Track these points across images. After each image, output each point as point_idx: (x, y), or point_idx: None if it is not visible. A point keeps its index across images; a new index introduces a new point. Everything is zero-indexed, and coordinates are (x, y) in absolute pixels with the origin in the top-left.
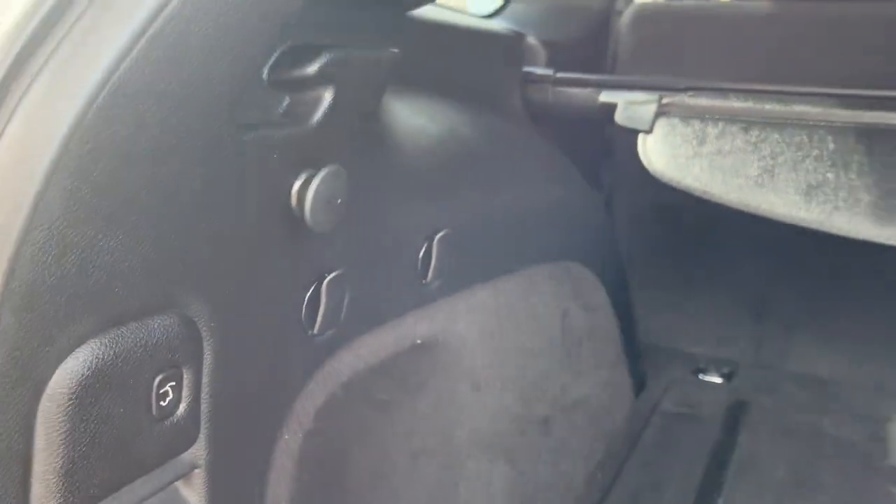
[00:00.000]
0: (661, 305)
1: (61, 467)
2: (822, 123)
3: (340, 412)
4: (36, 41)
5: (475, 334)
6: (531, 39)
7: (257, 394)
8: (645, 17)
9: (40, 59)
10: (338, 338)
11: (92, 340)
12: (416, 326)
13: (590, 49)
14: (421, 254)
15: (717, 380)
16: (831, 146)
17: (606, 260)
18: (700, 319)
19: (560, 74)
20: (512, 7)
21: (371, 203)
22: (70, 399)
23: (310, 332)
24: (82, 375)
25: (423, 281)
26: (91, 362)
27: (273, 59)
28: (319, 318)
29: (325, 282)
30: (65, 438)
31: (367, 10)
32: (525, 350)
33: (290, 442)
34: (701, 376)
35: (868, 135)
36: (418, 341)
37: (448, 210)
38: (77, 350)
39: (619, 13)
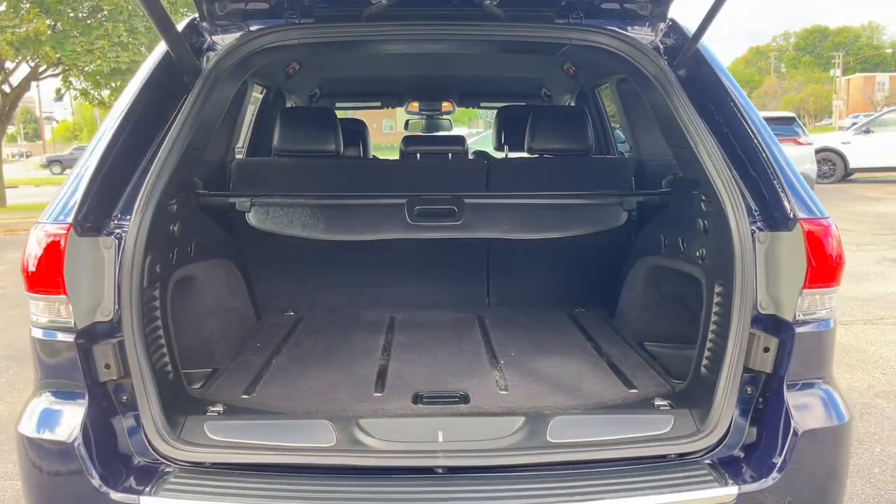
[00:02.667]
0: (273, 284)
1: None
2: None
3: (176, 291)
4: None
5: (203, 277)
6: (196, 179)
7: (168, 268)
8: (240, 165)
9: None
10: (177, 265)
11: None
12: (186, 270)
13: (222, 179)
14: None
15: (292, 313)
16: (319, 213)
17: (239, 262)
18: (285, 288)
19: (212, 193)
20: None
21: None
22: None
23: (172, 262)
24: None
25: (190, 255)
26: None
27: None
28: (174, 257)
29: (175, 248)
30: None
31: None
32: (214, 290)
33: (172, 281)
34: (284, 313)
35: (323, 209)
36: (188, 275)
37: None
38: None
39: (231, 161)
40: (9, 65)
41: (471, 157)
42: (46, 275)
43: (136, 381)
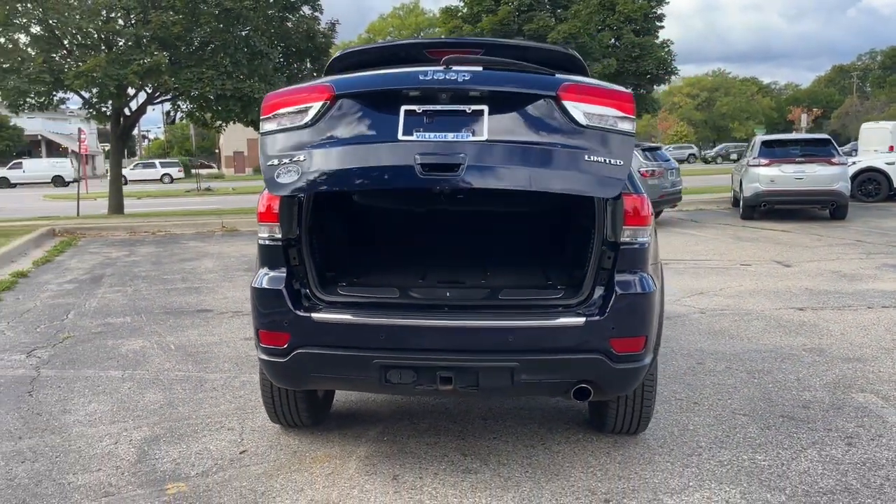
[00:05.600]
0: (358, 236)
1: None
2: None
3: (320, 229)
4: None
5: (330, 225)
6: None
7: (318, 217)
8: None
9: None
10: (321, 216)
11: None
12: (323, 220)
13: None
14: None
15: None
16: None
17: (342, 220)
18: (366, 239)
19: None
20: None
21: None
22: None
23: (319, 214)
24: None
25: (325, 213)
26: None
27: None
28: (320, 212)
29: (320, 208)
30: None
31: None
32: None
33: (319, 224)
34: (362, 255)
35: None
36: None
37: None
38: None
39: None
40: (128, 91)
41: None
42: (270, 214)
43: (307, 266)
